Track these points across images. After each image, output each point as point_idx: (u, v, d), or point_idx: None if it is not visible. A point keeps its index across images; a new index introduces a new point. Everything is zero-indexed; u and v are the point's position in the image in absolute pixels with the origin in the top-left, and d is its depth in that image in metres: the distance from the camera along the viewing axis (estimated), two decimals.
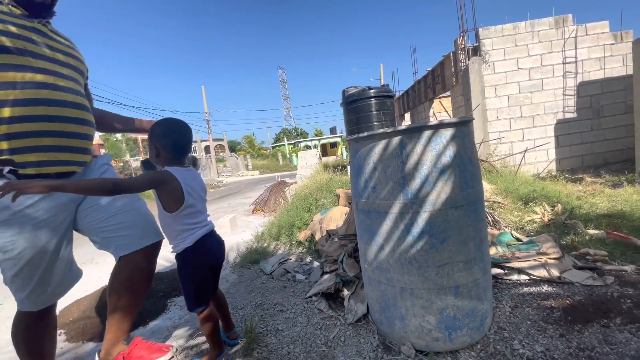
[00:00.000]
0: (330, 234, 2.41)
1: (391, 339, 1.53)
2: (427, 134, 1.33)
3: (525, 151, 5.54)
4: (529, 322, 1.55)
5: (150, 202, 1.46)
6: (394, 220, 1.39)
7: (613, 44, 6.56)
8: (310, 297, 2.00)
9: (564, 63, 6.57)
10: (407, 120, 12.62)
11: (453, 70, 7.02)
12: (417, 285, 1.39)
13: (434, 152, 1.32)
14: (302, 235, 3.08)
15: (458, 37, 6.68)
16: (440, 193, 1.32)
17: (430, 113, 9.98)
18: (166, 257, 3.35)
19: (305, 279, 2.32)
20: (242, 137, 42.62)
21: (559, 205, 2.98)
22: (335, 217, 2.78)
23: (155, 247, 1.43)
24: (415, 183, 1.33)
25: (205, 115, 23.27)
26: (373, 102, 4.30)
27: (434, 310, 1.38)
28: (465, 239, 1.35)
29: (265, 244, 3.28)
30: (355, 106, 4.15)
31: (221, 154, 36.12)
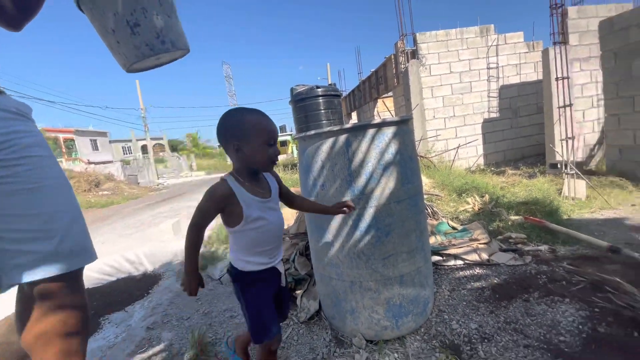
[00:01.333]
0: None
1: (343, 333, 1.57)
2: (371, 132, 1.38)
3: (457, 147, 6.10)
4: (464, 303, 1.71)
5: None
6: (342, 216, 1.42)
7: (527, 52, 7.49)
8: None
9: (488, 68, 7.33)
10: (354, 119, 13.03)
11: (394, 72, 7.42)
12: (366, 278, 1.44)
13: (377, 149, 1.38)
14: None
15: (398, 41, 7.07)
16: (384, 188, 1.38)
17: (375, 112, 10.43)
18: (98, 269, 3.03)
19: None
20: (185, 135, 40.04)
21: (487, 195, 3.33)
22: (286, 215, 2.76)
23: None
24: (362, 180, 1.38)
25: (140, 111, 21.39)
26: (321, 100, 4.37)
27: (382, 301, 1.45)
28: (407, 231, 1.44)
29: (214, 249, 3.13)
30: (303, 104, 4.17)
31: (161, 154, 33.57)
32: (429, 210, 2.79)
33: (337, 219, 1.43)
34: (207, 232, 3.75)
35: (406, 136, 1.45)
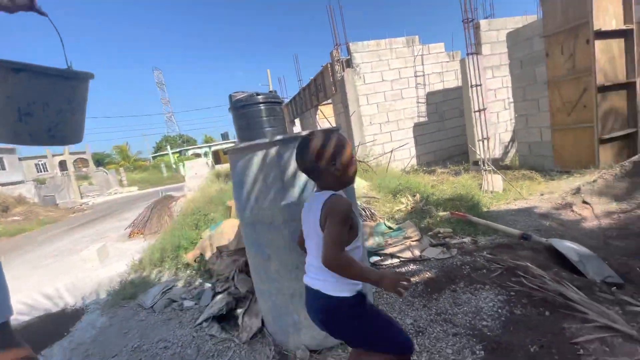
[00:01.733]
0: (220, 251, 2.27)
1: (287, 347, 1.54)
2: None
3: (392, 151, 6.50)
4: (401, 300, 1.80)
5: None
6: (279, 228, 1.40)
7: (448, 61, 8.31)
8: (200, 323, 1.83)
9: (416, 76, 7.96)
10: (297, 126, 13.12)
11: (332, 80, 7.65)
12: None
13: None
14: (190, 256, 2.82)
15: (333, 50, 7.31)
16: None
17: (317, 118, 10.62)
18: (30, 303, 2.59)
19: (195, 304, 2.12)
20: (112, 147, 36.16)
21: (418, 194, 3.59)
22: (227, 231, 2.65)
23: None
24: (296, 190, 1.38)
25: None
26: (263, 107, 4.29)
27: None
28: None
29: (145, 273, 2.87)
30: (244, 112, 4.05)
31: (84, 169, 29.93)
32: (368, 212, 2.91)
33: (273, 231, 1.41)
34: (138, 254, 3.44)
35: None
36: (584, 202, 2.97)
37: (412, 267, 2.14)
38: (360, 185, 4.11)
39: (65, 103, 1.01)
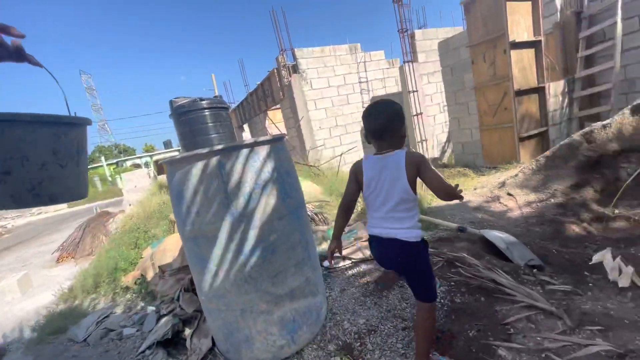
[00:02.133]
0: (163, 270, 2.11)
1: None
2: (244, 152, 1.36)
3: (341, 155, 6.66)
4: (353, 301, 1.84)
5: None
6: (223, 242, 1.34)
7: (388, 68, 8.78)
8: (143, 351, 1.68)
9: (360, 82, 8.29)
10: (247, 132, 12.81)
11: (279, 85, 7.63)
12: (256, 302, 1.39)
13: (253, 169, 1.36)
14: (129, 279, 2.58)
15: (279, 55, 7.30)
16: (265, 207, 1.37)
17: (267, 124, 10.49)
18: None
19: (137, 331, 1.94)
20: None
21: None
22: (171, 247, 2.47)
23: None
24: (240, 201, 1.33)
25: None
26: (207, 113, 4.09)
27: (275, 320, 1.43)
28: (293, 245, 1.46)
29: (77, 302, 2.55)
30: (187, 118, 3.82)
31: None
32: (320, 217, 2.93)
33: (219, 246, 1.35)
34: (68, 281, 3.06)
35: (281, 153, 1.48)
36: (509, 194, 3.32)
37: (363, 267, 2.20)
38: (312, 189, 4.13)
39: (48, 155, 0.84)
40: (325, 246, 2.47)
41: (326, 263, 2.27)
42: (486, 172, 5.25)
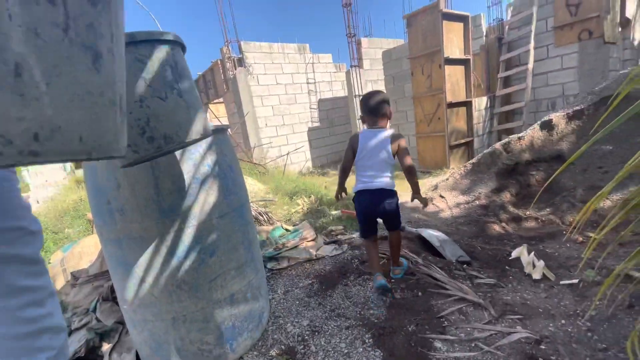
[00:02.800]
0: (76, 277, 1.81)
1: None
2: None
3: (288, 154, 6.62)
4: (297, 302, 1.79)
5: None
6: (153, 244, 1.18)
7: (335, 72, 8.96)
8: None
9: (308, 83, 8.31)
10: None
11: (223, 78, 7.26)
12: (191, 309, 1.26)
13: (191, 162, 1.22)
14: None
15: (223, 46, 6.95)
16: (203, 204, 1.25)
17: (208, 118, 9.93)
18: None
19: None
20: None
21: (313, 196, 3.72)
22: (87, 251, 2.14)
23: None
24: (174, 197, 1.19)
25: None
26: None
27: (212, 328, 1.31)
28: (234, 245, 1.35)
29: None
30: None
31: None
32: (265, 217, 2.83)
33: (147, 248, 1.18)
34: None
35: (224, 146, 1.36)
36: (441, 196, 3.60)
37: (307, 267, 2.17)
38: (257, 188, 3.99)
39: (141, 86, 0.70)
40: (269, 247, 2.38)
41: (270, 264, 2.19)
42: (422, 176, 5.64)
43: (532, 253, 1.79)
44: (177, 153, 1.20)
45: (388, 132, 1.69)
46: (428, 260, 2.03)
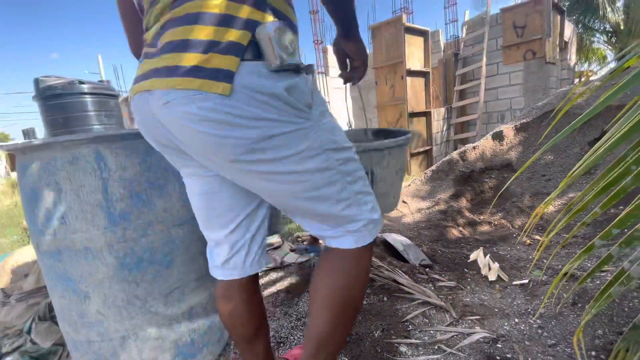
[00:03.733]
0: (7, 294, 1.58)
1: None
2: (135, 144, 1.12)
3: None
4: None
5: None
6: (100, 256, 1.07)
7: None
8: None
9: None
10: None
11: None
12: (144, 326, 1.15)
13: (145, 165, 1.13)
14: None
15: None
16: (160, 212, 1.15)
17: None
18: None
19: None
20: None
21: None
22: (21, 264, 1.89)
23: None
24: (126, 204, 1.08)
25: None
26: (90, 100, 3.36)
27: (168, 345, 1.21)
28: (194, 256, 1.26)
29: None
30: (60, 102, 3.07)
31: None
32: None
33: (90, 260, 1.06)
34: None
35: None
36: (404, 202, 3.72)
37: (273, 275, 2.10)
38: None
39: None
40: None
41: None
42: None
43: (488, 255, 1.89)
44: (127, 154, 1.10)
45: None
46: (393, 265, 2.06)
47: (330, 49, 8.21)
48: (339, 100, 8.68)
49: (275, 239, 2.46)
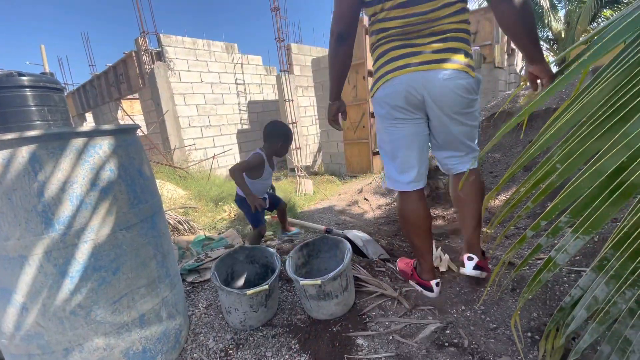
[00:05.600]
0: None
1: None
2: (76, 143, 1.05)
3: (214, 157, 6.28)
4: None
5: None
6: (37, 264, 0.99)
7: (266, 75, 8.86)
8: None
9: (236, 83, 8.05)
10: (90, 121, 10.44)
11: (138, 72, 6.56)
12: (89, 337, 1.09)
13: (87, 166, 1.06)
14: None
15: (139, 37, 6.29)
16: (104, 216, 1.09)
17: (119, 115, 8.84)
18: None
19: None
20: None
21: None
22: None
23: None
24: (65, 209, 1.01)
25: None
26: (30, 94, 3.04)
27: (117, 355, 1.15)
28: (144, 260, 1.21)
29: None
30: None
31: None
32: (185, 225, 2.62)
33: (29, 270, 0.98)
34: None
35: (131, 148, 1.22)
36: (365, 199, 3.83)
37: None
38: (177, 194, 3.68)
39: None
40: (189, 259, 2.21)
41: (191, 277, 2.03)
42: (348, 180, 5.93)
43: (440, 248, 2.01)
44: (69, 156, 1.03)
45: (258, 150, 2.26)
46: (353, 261, 2.12)
47: (293, 47, 8.16)
48: (302, 98, 8.65)
49: (237, 241, 2.42)
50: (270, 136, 2.18)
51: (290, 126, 7.24)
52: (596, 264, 0.84)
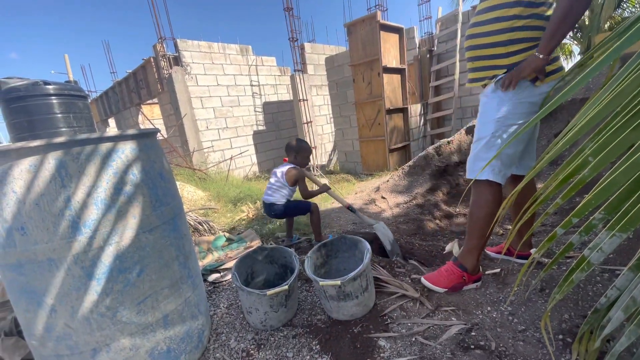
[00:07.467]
0: None
1: None
2: (100, 149, 1.07)
3: (231, 158, 6.37)
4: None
5: None
6: (65, 267, 1.02)
7: (280, 75, 8.91)
8: None
9: (251, 85, 8.13)
10: (112, 127, 10.83)
11: (157, 77, 6.74)
12: (116, 337, 1.11)
13: (112, 170, 1.09)
14: None
15: (157, 43, 6.46)
16: (127, 219, 1.11)
17: (140, 120, 9.12)
18: None
19: None
20: None
21: (259, 201, 3.62)
22: None
23: None
24: (91, 213, 1.04)
25: None
26: (56, 101, 3.18)
27: (143, 355, 1.18)
28: (167, 262, 1.24)
29: None
30: (23, 105, 2.89)
31: None
32: (205, 226, 2.66)
33: (58, 273, 1.02)
34: None
35: (152, 151, 1.24)
36: (382, 197, 3.77)
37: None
38: (197, 196, 3.75)
39: None
40: (210, 258, 2.24)
41: (212, 277, 2.06)
42: (364, 178, 5.87)
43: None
44: (94, 161, 1.05)
45: (287, 165, 2.44)
46: (373, 261, 2.09)
47: (306, 47, 8.16)
48: (317, 97, 8.64)
49: (256, 241, 2.44)
50: (300, 150, 2.49)
51: (305, 125, 7.24)
52: (634, 263, 0.78)
